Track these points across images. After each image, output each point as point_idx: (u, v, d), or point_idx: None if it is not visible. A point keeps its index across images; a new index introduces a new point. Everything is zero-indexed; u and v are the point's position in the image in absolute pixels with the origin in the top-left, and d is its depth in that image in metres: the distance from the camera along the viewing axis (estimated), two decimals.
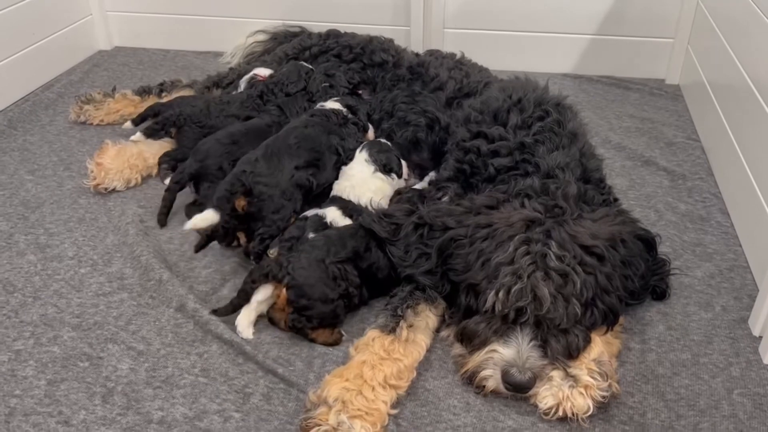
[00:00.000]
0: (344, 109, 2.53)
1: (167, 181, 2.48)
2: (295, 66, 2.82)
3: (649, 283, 2.00)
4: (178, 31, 3.85)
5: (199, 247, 2.14)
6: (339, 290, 1.87)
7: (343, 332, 1.90)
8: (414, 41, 3.54)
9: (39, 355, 1.85)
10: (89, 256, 2.24)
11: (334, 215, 2.13)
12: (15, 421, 1.66)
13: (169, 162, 2.58)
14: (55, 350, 1.87)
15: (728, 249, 2.26)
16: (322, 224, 2.10)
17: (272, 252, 2.11)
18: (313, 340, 1.87)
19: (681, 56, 3.36)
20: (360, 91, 2.85)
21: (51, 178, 2.67)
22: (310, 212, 2.17)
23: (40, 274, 2.16)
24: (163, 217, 2.38)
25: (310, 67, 2.85)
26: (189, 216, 2.36)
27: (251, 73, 2.90)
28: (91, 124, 3.04)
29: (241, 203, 2.13)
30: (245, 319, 1.90)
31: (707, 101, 2.85)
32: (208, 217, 2.12)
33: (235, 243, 2.22)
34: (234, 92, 2.89)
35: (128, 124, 2.86)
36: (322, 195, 2.32)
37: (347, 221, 2.13)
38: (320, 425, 1.58)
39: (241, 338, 1.89)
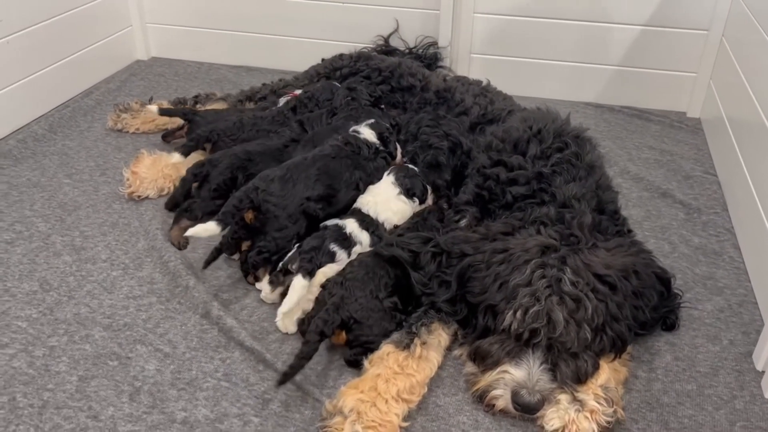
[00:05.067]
0: (377, 142, 2.54)
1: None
2: (328, 84, 2.94)
3: (660, 315, 2.04)
4: (213, 44, 3.98)
5: (208, 262, 2.17)
6: (395, 320, 1.95)
7: None
8: (443, 27, 3.58)
9: (72, 352, 1.95)
10: (121, 260, 2.34)
11: (352, 227, 2.20)
12: (47, 413, 1.76)
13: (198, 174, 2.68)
14: (87, 348, 1.97)
15: (739, 284, 2.30)
16: (341, 234, 2.17)
17: (265, 277, 2.17)
18: None
19: (703, 91, 3.40)
20: (382, 105, 2.93)
21: (87, 182, 2.79)
22: (330, 222, 2.24)
23: (74, 274, 2.27)
24: (172, 200, 2.53)
25: (339, 85, 2.95)
26: (176, 221, 2.46)
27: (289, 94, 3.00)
28: (127, 132, 3.16)
29: (249, 216, 2.20)
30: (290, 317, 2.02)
31: (725, 137, 2.90)
32: (209, 228, 2.15)
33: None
34: (270, 108, 2.98)
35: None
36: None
37: (365, 234, 2.21)
38: None
39: (261, 346, 1.97)
